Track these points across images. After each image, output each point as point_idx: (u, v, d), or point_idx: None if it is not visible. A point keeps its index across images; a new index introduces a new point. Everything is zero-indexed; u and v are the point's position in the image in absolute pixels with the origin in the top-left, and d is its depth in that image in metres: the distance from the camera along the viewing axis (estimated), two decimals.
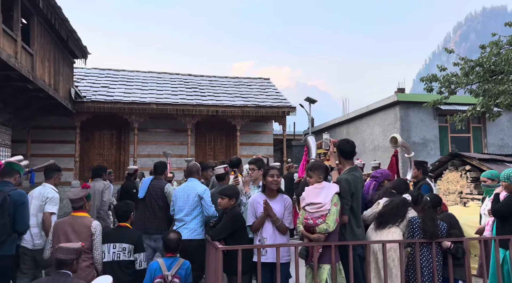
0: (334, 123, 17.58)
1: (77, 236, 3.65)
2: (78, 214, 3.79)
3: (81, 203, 3.80)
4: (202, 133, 16.14)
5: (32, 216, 4.35)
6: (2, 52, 7.86)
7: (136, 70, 18.13)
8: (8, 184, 3.93)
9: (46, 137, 14.18)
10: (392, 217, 3.60)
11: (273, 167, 3.70)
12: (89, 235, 3.67)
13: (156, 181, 5.19)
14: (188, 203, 4.40)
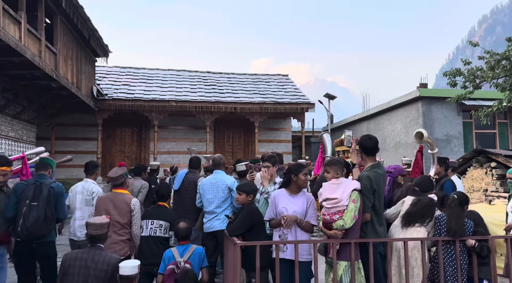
0: (354, 119, 17.33)
1: (118, 211, 3.92)
2: (119, 190, 4.07)
3: (121, 180, 4.08)
4: (221, 130, 16.21)
5: (77, 209, 4.65)
6: (27, 52, 8.09)
7: (156, 68, 18.35)
8: (45, 176, 4.21)
9: (69, 134, 14.54)
10: (420, 216, 3.52)
11: (304, 165, 3.65)
12: (129, 211, 3.93)
13: (190, 174, 5.35)
14: (218, 195, 4.45)
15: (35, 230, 3.84)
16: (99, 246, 3.09)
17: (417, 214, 3.54)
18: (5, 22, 7.33)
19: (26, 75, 9.64)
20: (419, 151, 5.42)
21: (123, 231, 3.89)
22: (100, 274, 2.94)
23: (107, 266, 2.97)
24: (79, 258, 3.01)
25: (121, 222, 3.92)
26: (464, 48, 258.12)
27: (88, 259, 2.98)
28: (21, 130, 11.80)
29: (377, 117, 15.68)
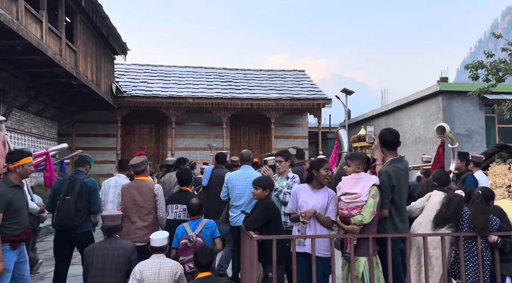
0: (372, 115, 17.09)
1: (142, 197, 4.09)
2: (141, 177, 4.24)
3: (142, 167, 4.25)
4: (237, 126, 16.26)
5: (110, 202, 4.99)
6: (48, 50, 8.29)
7: (173, 65, 18.52)
8: (81, 172, 4.51)
9: (89, 131, 14.85)
10: (453, 219, 3.46)
11: (326, 160, 3.63)
12: (153, 196, 4.11)
13: (217, 169, 5.49)
14: (247, 190, 4.43)
15: (67, 221, 4.15)
16: (115, 236, 3.36)
17: (451, 217, 3.46)
18: (27, 21, 7.52)
19: (47, 73, 9.88)
20: (441, 146, 5.29)
21: (148, 217, 4.06)
22: (118, 259, 3.24)
23: (124, 251, 3.27)
24: (98, 248, 3.29)
25: (147, 207, 4.09)
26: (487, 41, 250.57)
27: (105, 248, 3.27)
28: (43, 127, 12.12)
29: (396, 113, 15.42)
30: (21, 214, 3.50)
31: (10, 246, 3.41)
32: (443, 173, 4.06)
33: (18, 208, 3.45)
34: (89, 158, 4.85)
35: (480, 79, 9.43)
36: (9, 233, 3.37)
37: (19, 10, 7.18)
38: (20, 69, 9.33)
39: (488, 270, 3.42)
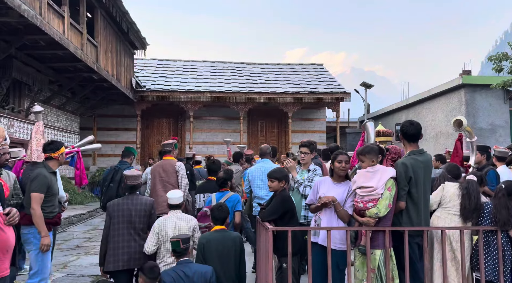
0: (392, 109, 16.79)
1: (166, 174, 4.78)
2: (167, 157, 4.97)
3: (169, 148, 5.01)
4: (254, 120, 16.27)
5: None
6: (70, 45, 8.48)
7: (191, 59, 18.64)
8: (125, 163, 5.26)
9: (110, 125, 15.14)
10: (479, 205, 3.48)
11: (342, 152, 3.58)
12: (174, 172, 4.77)
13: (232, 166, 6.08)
14: (266, 181, 4.36)
15: None
16: (136, 193, 3.83)
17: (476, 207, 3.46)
18: (49, 17, 7.70)
19: (69, 68, 10.12)
20: (459, 139, 5.16)
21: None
22: (140, 213, 3.68)
23: (145, 206, 3.72)
24: (122, 203, 3.70)
25: (171, 182, 4.70)
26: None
27: (128, 203, 3.70)
28: (65, 120, 12.44)
29: (417, 106, 15.11)
30: (55, 199, 3.87)
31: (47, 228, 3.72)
32: (454, 165, 4.01)
33: (54, 193, 3.81)
34: (133, 149, 5.57)
35: (504, 72, 9.12)
36: (46, 215, 3.69)
37: (42, 6, 7.36)
38: (44, 64, 9.58)
39: (510, 265, 3.34)
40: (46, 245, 3.61)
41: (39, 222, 3.57)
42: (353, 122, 19.97)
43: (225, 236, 3.41)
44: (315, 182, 3.67)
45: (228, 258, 3.34)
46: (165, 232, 3.50)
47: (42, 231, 3.59)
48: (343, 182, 3.47)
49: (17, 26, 7.26)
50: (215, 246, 3.33)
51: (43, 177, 3.65)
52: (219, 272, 3.25)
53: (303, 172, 4.32)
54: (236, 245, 3.41)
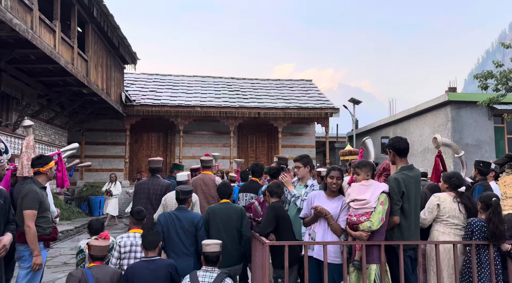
0: (379, 124, 17.06)
1: (207, 187, 5.31)
2: (206, 172, 5.48)
3: (210, 163, 5.59)
4: (244, 135, 16.31)
5: None
6: (60, 59, 8.45)
7: (182, 74, 18.70)
8: (174, 177, 5.75)
9: (98, 139, 14.98)
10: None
11: (334, 168, 3.60)
12: (214, 185, 5.22)
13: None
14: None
15: None
16: (156, 175, 4.93)
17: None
18: (41, 31, 7.69)
19: (59, 82, 10.05)
20: (438, 156, 5.28)
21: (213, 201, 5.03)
22: (156, 192, 4.81)
23: (161, 187, 4.82)
24: (145, 182, 4.90)
25: (212, 194, 5.18)
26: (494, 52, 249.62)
27: (149, 183, 4.84)
28: (53, 135, 12.27)
29: (404, 122, 15.38)
30: (49, 214, 3.80)
31: (44, 245, 3.69)
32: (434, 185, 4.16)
33: (46, 208, 3.74)
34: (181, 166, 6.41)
35: (489, 89, 9.41)
36: (42, 231, 3.64)
37: (33, 20, 7.35)
38: (33, 78, 9.50)
39: (501, 279, 3.39)
40: (38, 265, 3.53)
41: (33, 240, 3.49)
42: (341, 137, 20.19)
43: (228, 207, 3.99)
44: (309, 195, 3.70)
45: (230, 223, 3.87)
46: (169, 203, 4.37)
47: (35, 249, 3.51)
48: (337, 196, 3.51)
49: (7, 40, 7.22)
50: (218, 214, 3.91)
51: (34, 193, 3.59)
52: (223, 235, 3.81)
53: (300, 186, 4.31)
54: (238, 214, 3.92)
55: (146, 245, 3.26)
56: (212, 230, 3.84)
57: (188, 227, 3.70)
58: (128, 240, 3.62)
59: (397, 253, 3.18)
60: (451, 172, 3.98)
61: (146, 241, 3.26)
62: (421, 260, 3.24)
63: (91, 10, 9.60)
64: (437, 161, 5.20)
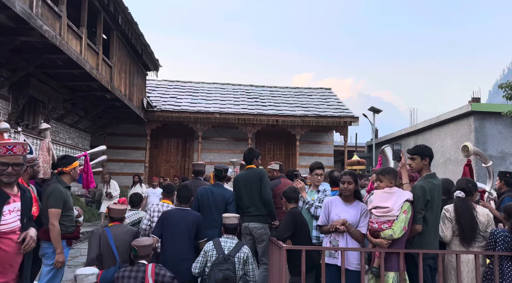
0: (400, 134, 16.80)
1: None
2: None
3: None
4: (262, 142, 16.34)
5: None
6: (86, 64, 8.72)
7: (202, 81, 18.96)
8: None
9: (120, 143, 15.30)
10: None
11: (345, 173, 3.60)
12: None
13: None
14: None
15: None
16: (198, 178, 5.31)
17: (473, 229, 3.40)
18: (68, 37, 7.97)
19: (84, 87, 10.36)
20: (467, 165, 5.16)
21: None
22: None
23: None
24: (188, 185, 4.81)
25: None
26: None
27: (192, 185, 4.90)
28: (77, 138, 12.61)
29: (426, 133, 15.10)
30: (73, 213, 3.92)
31: (67, 243, 3.81)
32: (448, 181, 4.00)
33: (70, 207, 3.84)
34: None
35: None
36: (65, 230, 3.74)
37: (62, 27, 7.63)
38: (59, 82, 9.83)
39: None
40: (60, 262, 3.64)
41: (57, 238, 3.60)
42: (360, 146, 19.96)
43: (249, 172, 4.55)
44: (325, 202, 3.66)
45: (251, 186, 4.40)
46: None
47: (58, 247, 3.62)
48: (354, 202, 3.48)
49: (36, 45, 7.51)
50: (241, 180, 4.54)
51: (58, 192, 3.71)
52: (244, 197, 4.42)
53: (312, 192, 4.32)
54: (256, 177, 4.39)
55: (181, 199, 4.15)
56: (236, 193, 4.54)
57: (220, 202, 4.35)
58: (157, 207, 4.38)
59: (416, 261, 3.12)
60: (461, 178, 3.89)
61: (180, 196, 4.14)
62: (441, 270, 3.17)
63: (116, 17, 9.88)
64: (466, 170, 5.09)
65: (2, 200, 2.36)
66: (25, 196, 2.55)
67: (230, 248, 3.60)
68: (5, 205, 2.38)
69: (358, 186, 3.58)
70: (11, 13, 5.91)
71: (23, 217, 2.47)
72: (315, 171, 4.44)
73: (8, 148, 2.38)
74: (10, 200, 2.42)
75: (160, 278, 3.28)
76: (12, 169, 2.38)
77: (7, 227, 2.36)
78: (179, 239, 3.85)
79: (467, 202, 3.49)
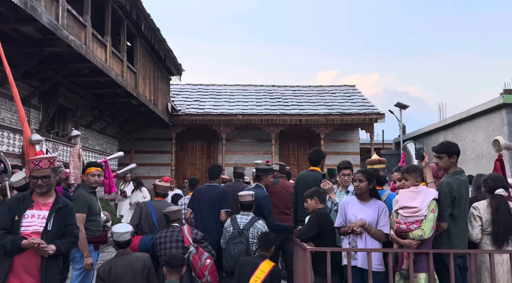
0: (428, 130, 16.28)
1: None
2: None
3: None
4: (286, 142, 16.26)
5: None
6: (111, 72, 8.95)
7: (224, 84, 19.09)
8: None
9: (147, 148, 15.63)
10: None
11: (358, 171, 3.53)
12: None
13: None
14: None
15: None
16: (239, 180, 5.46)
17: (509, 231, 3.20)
18: (93, 46, 8.20)
19: (110, 94, 10.64)
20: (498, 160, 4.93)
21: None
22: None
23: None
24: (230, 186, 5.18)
25: None
26: None
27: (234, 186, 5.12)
28: (105, 144, 12.97)
29: (456, 127, 14.59)
30: (99, 217, 4.00)
31: (94, 247, 3.90)
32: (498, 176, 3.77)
33: (96, 212, 3.93)
34: (333, 169, 6.28)
35: None
36: (92, 234, 3.83)
37: (87, 36, 7.87)
38: (86, 90, 10.14)
39: None
40: (89, 264, 3.74)
41: (83, 242, 3.69)
42: (387, 143, 19.52)
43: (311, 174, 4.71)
44: (341, 203, 3.57)
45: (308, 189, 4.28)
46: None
47: (85, 251, 3.72)
48: (371, 200, 3.39)
49: (64, 55, 7.77)
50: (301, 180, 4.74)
51: (82, 197, 3.82)
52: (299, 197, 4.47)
53: (342, 193, 4.22)
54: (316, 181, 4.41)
55: (209, 175, 4.74)
56: None
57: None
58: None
59: (445, 261, 3.01)
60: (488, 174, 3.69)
61: (209, 172, 4.75)
62: (473, 270, 3.04)
63: (139, 24, 10.10)
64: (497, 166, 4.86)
65: (26, 204, 2.63)
66: (55, 206, 2.73)
67: (245, 223, 4.02)
68: (28, 209, 2.63)
69: (373, 184, 3.47)
70: (39, 25, 6.14)
71: (47, 223, 2.66)
72: (342, 171, 4.32)
73: (36, 163, 2.67)
74: (34, 206, 2.66)
75: (193, 235, 3.97)
76: (42, 181, 2.67)
77: (26, 228, 2.61)
78: (205, 211, 4.47)
79: (507, 201, 3.30)
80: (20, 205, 2.63)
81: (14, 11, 5.78)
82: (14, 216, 2.60)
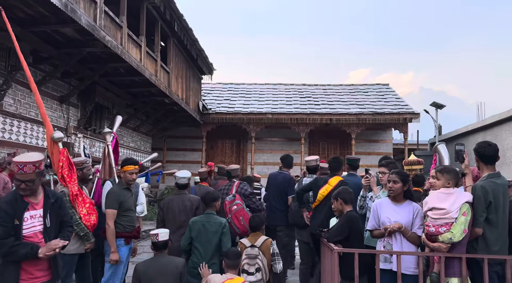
0: (466, 130, 15.64)
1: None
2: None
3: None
4: (316, 142, 16.12)
5: None
6: (145, 71, 9.21)
7: (254, 83, 19.15)
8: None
9: (178, 145, 15.97)
10: None
11: (392, 172, 3.43)
12: None
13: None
14: None
15: None
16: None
17: None
18: (129, 46, 8.47)
19: (144, 93, 10.96)
20: None
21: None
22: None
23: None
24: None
25: None
26: None
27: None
28: (139, 141, 13.38)
29: (495, 128, 13.92)
30: (132, 213, 4.07)
31: (124, 241, 3.97)
32: None
33: (128, 208, 4.00)
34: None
35: None
36: (122, 229, 3.92)
37: (122, 37, 8.13)
38: (122, 89, 10.49)
39: None
40: (113, 260, 3.83)
41: (111, 237, 3.81)
42: (422, 144, 18.90)
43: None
44: (373, 205, 3.47)
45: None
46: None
47: (112, 246, 3.82)
48: (405, 202, 3.29)
49: (101, 55, 8.08)
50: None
51: (114, 193, 3.92)
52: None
53: (384, 192, 4.09)
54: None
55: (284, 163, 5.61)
56: None
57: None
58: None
59: (482, 267, 2.89)
60: None
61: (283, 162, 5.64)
62: (509, 277, 2.90)
63: (172, 25, 10.33)
64: None
65: (22, 207, 2.65)
66: (48, 202, 2.77)
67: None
68: (26, 211, 2.66)
69: (408, 185, 3.37)
70: (78, 26, 6.42)
71: (45, 221, 2.73)
72: (379, 168, 4.10)
73: (20, 167, 2.61)
74: (29, 207, 2.69)
75: (240, 189, 4.77)
76: (25, 185, 2.64)
77: (27, 231, 2.65)
78: (275, 194, 5.42)
79: None
80: (16, 208, 2.62)
81: (55, 13, 6.06)
82: (14, 220, 2.60)
